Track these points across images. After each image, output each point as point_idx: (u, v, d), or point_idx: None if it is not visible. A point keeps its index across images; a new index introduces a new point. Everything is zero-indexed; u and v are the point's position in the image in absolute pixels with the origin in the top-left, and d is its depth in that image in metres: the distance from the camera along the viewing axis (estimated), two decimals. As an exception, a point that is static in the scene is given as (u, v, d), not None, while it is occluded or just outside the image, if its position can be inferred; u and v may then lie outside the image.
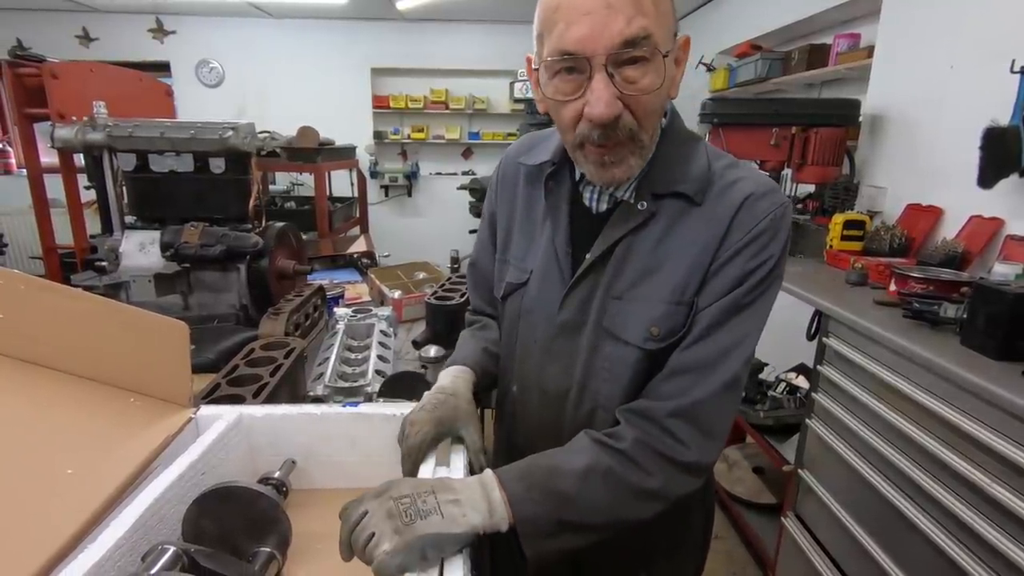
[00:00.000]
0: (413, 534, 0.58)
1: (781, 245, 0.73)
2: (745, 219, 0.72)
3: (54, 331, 0.77)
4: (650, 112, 0.70)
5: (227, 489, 0.69)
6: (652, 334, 0.75)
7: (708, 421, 0.71)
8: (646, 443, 0.69)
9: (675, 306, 0.74)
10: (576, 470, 0.67)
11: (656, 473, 0.69)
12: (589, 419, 0.81)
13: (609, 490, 0.68)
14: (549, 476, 0.67)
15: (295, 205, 4.16)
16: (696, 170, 0.76)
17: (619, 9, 0.63)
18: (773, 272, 0.73)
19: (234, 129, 1.72)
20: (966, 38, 2.03)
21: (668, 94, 0.72)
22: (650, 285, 0.75)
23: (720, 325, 0.72)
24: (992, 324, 1.29)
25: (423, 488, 0.63)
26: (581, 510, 0.67)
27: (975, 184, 1.85)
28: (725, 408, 0.72)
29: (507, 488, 0.66)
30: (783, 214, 0.73)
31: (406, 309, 1.93)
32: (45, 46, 4.57)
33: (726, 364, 0.71)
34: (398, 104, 5.56)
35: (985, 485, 1.18)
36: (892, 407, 1.48)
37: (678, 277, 0.74)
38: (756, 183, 0.75)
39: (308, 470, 0.87)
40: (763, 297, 0.73)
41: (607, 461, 0.68)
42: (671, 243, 0.75)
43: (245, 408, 0.84)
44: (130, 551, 0.60)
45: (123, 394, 0.80)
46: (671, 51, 0.68)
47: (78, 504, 0.62)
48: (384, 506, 0.60)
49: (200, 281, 1.76)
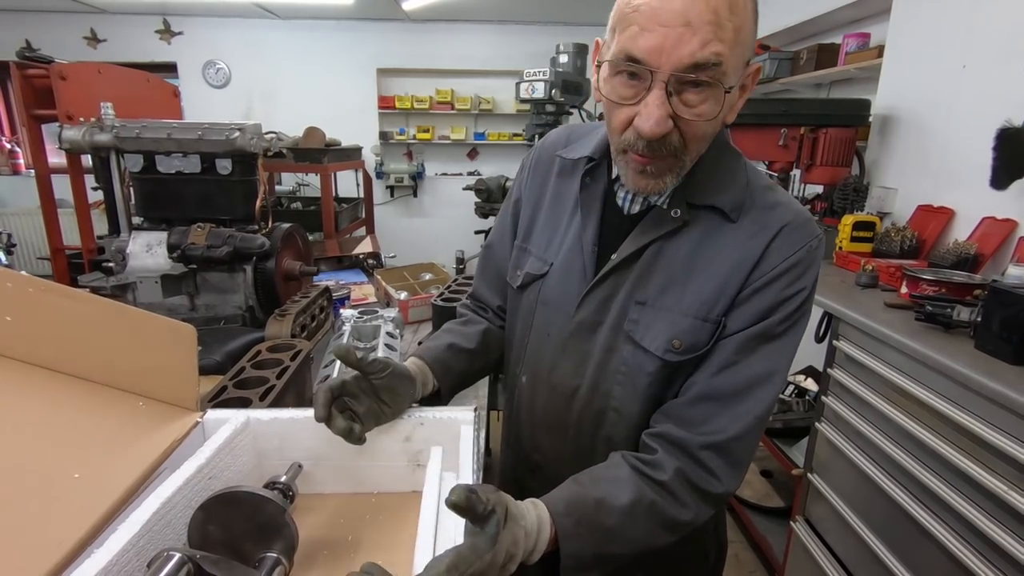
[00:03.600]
0: None
1: (813, 278, 0.73)
2: (782, 247, 0.72)
3: (62, 334, 0.77)
4: (699, 137, 0.69)
5: (233, 494, 0.68)
6: (674, 347, 0.74)
7: (738, 454, 0.71)
8: (685, 476, 0.70)
9: (701, 322, 0.73)
10: (623, 506, 0.67)
11: (691, 506, 0.70)
12: (598, 419, 0.81)
13: (648, 523, 0.69)
14: (597, 511, 0.67)
15: (301, 206, 4.17)
16: (734, 187, 0.75)
17: (697, 29, 0.59)
18: (805, 305, 0.73)
19: (241, 130, 1.72)
20: (978, 37, 2.01)
21: (724, 120, 0.70)
22: (677, 296, 0.75)
23: (752, 352, 0.72)
24: (1007, 327, 1.27)
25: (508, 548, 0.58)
26: (620, 543, 0.68)
27: (988, 185, 1.83)
28: (754, 440, 0.73)
29: (556, 522, 0.65)
30: (818, 246, 0.73)
31: (412, 310, 1.93)
32: (53, 47, 4.60)
33: (758, 395, 0.71)
34: (404, 104, 5.55)
35: (1001, 491, 1.17)
36: (904, 411, 1.46)
37: (707, 293, 0.73)
38: (794, 212, 0.74)
39: (315, 474, 0.87)
40: (793, 329, 0.73)
41: (651, 496, 0.68)
42: (702, 256, 0.74)
43: (252, 412, 0.84)
44: (136, 556, 0.59)
45: (130, 397, 0.79)
46: (737, 83, 0.67)
47: (85, 508, 0.61)
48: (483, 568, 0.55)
49: (207, 282, 1.76)
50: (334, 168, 3.59)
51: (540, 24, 5.44)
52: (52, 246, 3.06)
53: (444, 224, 5.91)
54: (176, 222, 1.77)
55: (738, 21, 0.62)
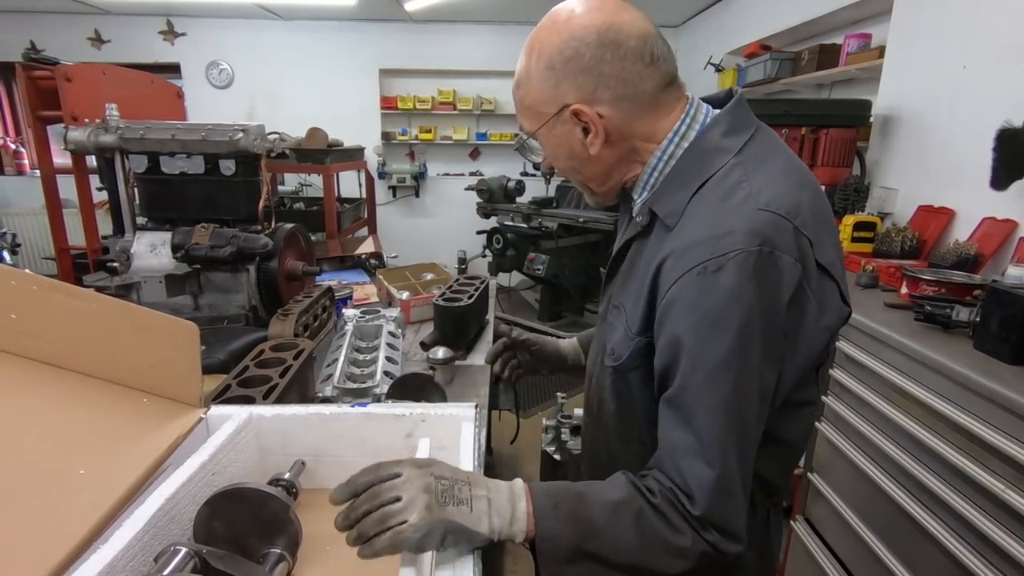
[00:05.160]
0: (443, 516, 0.59)
1: (713, 314, 0.63)
2: (669, 274, 0.68)
3: (66, 331, 0.78)
4: (561, 171, 0.84)
5: (238, 490, 0.69)
6: (612, 354, 0.78)
7: (717, 522, 0.64)
8: (673, 504, 0.65)
9: (625, 334, 0.76)
10: (607, 501, 0.66)
11: (686, 532, 0.64)
12: (600, 405, 0.86)
13: (638, 531, 0.64)
14: (578, 500, 0.66)
15: (304, 206, 4.19)
16: (680, 193, 0.72)
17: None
18: (711, 348, 0.63)
19: (244, 131, 1.73)
20: (979, 38, 2.02)
21: (581, 155, 0.77)
22: (627, 297, 0.78)
23: (680, 406, 0.66)
24: (1006, 327, 1.28)
25: (461, 476, 0.65)
26: (606, 543, 0.64)
27: (988, 185, 1.83)
28: (727, 502, 0.64)
29: (534, 501, 0.65)
30: (716, 269, 0.63)
31: (414, 310, 1.94)
32: (58, 48, 4.62)
33: (709, 458, 0.64)
34: (406, 105, 5.57)
35: (999, 490, 1.17)
36: (903, 411, 1.47)
37: (632, 303, 0.75)
38: (700, 231, 0.66)
39: (318, 471, 0.88)
40: (715, 383, 0.64)
41: (641, 503, 0.65)
42: (643, 263, 0.75)
43: (255, 408, 0.85)
44: (142, 551, 0.60)
45: (134, 394, 0.80)
46: (545, 126, 0.77)
47: (91, 504, 0.63)
48: (424, 479, 0.61)
49: (210, 282, 1.77)
50: (336, 168, 3.61)
51: (542, 25, 5.45)
52: (57, 246, 3.08)
53: (446, 224, 5.92)
54: (180, 222, 1.78)
55: (521, 93, 0.79)
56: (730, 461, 0.64)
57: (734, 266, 0.62)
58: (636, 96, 0.72)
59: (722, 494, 0.63)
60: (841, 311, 0.72)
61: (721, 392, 0.63)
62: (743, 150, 0.72)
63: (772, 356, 0.66)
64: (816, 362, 0.72)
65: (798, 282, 0.65)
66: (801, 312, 0.66)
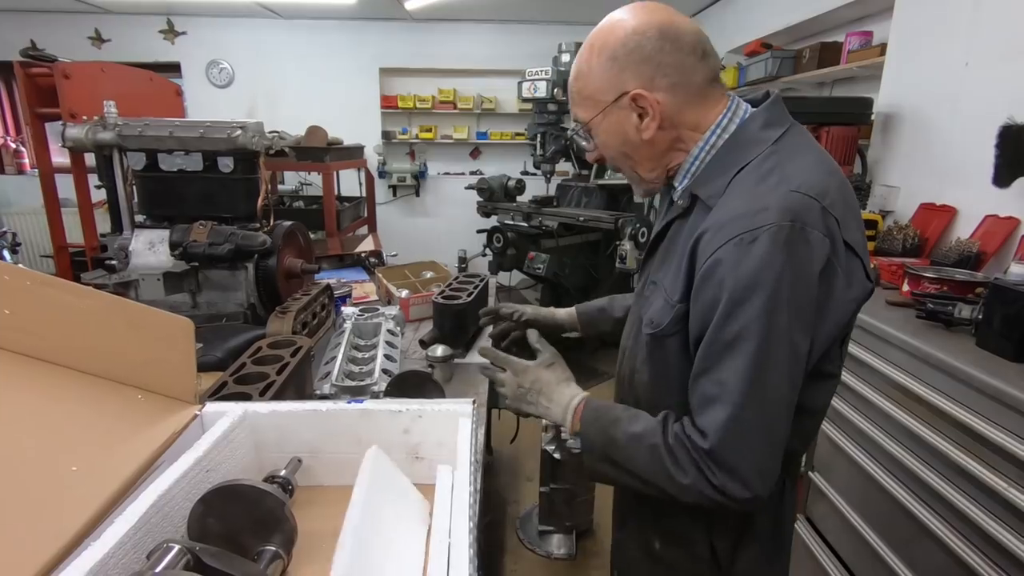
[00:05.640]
0: (518, 406, 0.98)
1: (746, 278, 0.69)
2: (707, 245, 0.74)
3: (60, 327, 0.77)
4: (611, 158, 0.90)
5: (232, 487, 0.68)
6: (651, 323, 0.86)
7: (722, 460, 0.72)
8: (686, 448, 0.75)
9: (665, 303, 0.83)
10: (629, 432, 0.81)
11: (689, 473, 0.74)
12: (632, 375, 0.94)
13: (647, 459, 0.79)
14: (613, 423, 0.84)
15: (303, 204, 4.18)
16: (720, 178, 0.80)
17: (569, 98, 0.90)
18: (744, 307, 0.70)
19: (242, 128, 1.72)
20: (981, 34, 2.00)
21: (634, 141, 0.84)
22: (664, 273, 0.86)
23: (709, 359, 0.74)
24: (1008, 325, 1.27)
25: (537, 387, 0.95)
26: (622, 457, 0.82)
27: (990, 183, 1.82)
28: (737, 450, 0.72)
29: (583, 413, 0.88)
30: (752, 240, 0.70)
31: (413, 308, 1.93)
32: (58, 47, 4.59)
33: (723, 403, 0.72)
34: (406, 104, 5.56)
35: (1001, 489, 1.16)
36: (905, 409, 1.46)
37: (675, 275, 0.82)
38: (739, 206, 0.73)
39: (314, 467, 0.87)
40: (742, 339, 0.71)
41: (657, 439, 0.78)
42: (683, 240, 0.82)
43: (250, 405, 0.84)
44: (134, 548, 0.60)
45: (129, 390, 0.80)
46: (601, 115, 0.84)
47: (83, 501, 0.62)
48: (513, 383, 0.98)
49: (208, 280, 1.76)
50: (336, 167, 3.60)
51: (542, 23, 5.44)
52: (55, 244, 3.07)
53: (447, 223, 5.90)
54: (178, 220, 1.77)
55: (580, 84, 0.85)
56: (746, 408, 0.71)
57: (767, 237, 0.69)
58: (688, 86, 0.80)
59: (732, 434, 0.71)
60: (865, 286, 0.77)
61: (747, 349, 0.70)
62: (778, 141, 0.79)
63: (803, 323, 0.71)
64: (842, 333, 0.79)
65: (827, 256, 0.71)
66: (830, 284, 0.72)
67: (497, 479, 2.78)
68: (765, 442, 0.72)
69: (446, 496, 0.70)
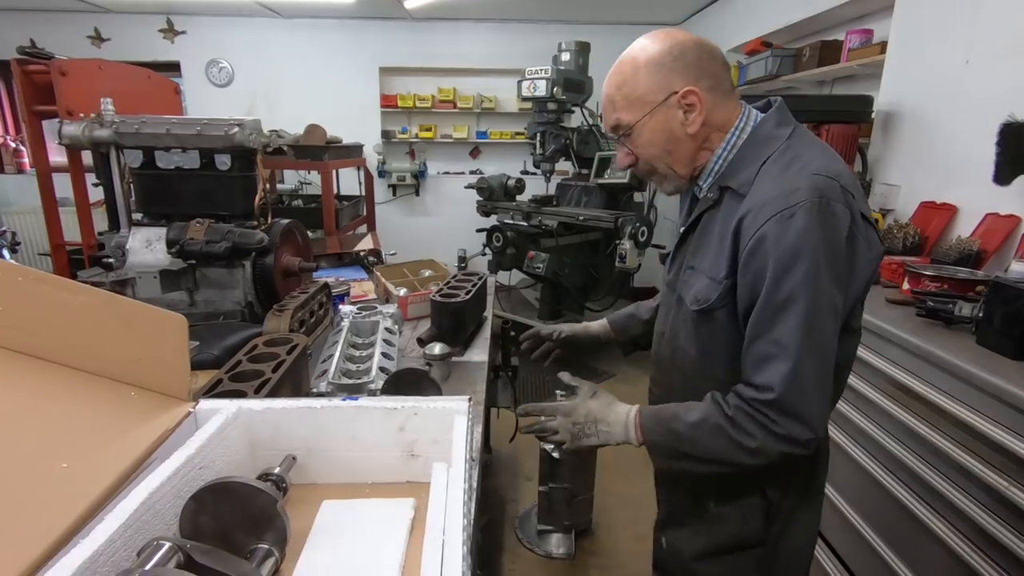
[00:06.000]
0: (578, 444, 1.01)
1: (790, 247, 0.81)
2: (751, 224, 0.86)
3: (52, 324, 0.76)
4: (651, 157, 0.98)
5: (225, 485, 0.68)
6: (696, 300, 0.96)
7: (786, 407, 0.83)
8: (747, 413, 0.86)
9: (711, 281, 0.93)
10: (689, 422, 0.91)
11: (756, 435, 0.85)
12: (674, 355, 1.05)
13: (715, 439, 0.89)
14: (672, 419, 0.93)
15: (302, 203, 4.17)
16: (748, 169, 0.92)
17: (606, 109, 0.99)
18: (792, 272, 0.81)
19: (239, 126, 1.71)
20: (982, 32, 2.00)
21: (678, 136, 0.94)
22: (702, 258, 0.97)
23: (763, 323, 0.85)
24: (1009, 323, 1.26)
25: (591, 418, 1.00)
26: (693, 448, 0.91)
27: (991, 181, 1.81)
28: (800, 393, 0.83)
29: (642, 422, 0.96)
30: (791, 216, 0.81)
31: (411, 307, 1.92)
32: (58, 46, 4.57)
33: (784, 358, 0.83)
34: (406, 103, 5.55)
35: (1003, 488, 1.15)
36: (905, 407, 1.45)
37: (715, 257, 0.93)
38: (772, 190, 0.85)
39: (309, 465, 0.86)
40: (794, 299, 0.82)
41: (717, 419, 0.88)
42: (721, 226, 0.93)
43: (244, 402, 0.83)
44: (124, 546, 0.59)
45: (121, 387, 0.79)
46: (648, 115, 0.93)
47: (72, 498, 0.61)
48: (567, 424, 1.02)
49: (206, 278, 1.76)
50: (335, 165, 3.60)
51: (542, 22, 5.43)
52: (52, 242, 3.06)
53: (446, 223, 5.89)
54: (176, 218, 1.77)
55: (625, 91, 0.94)
56: (805, 359, 0.82)
57: (803, 212, 0.81)
58: (720, 90, 0.93)
59: (796, 383, 0.82)
60: (879, 248, 0.90)
61: (798, 308, 0.81)
62: (790, 138, 0.92)
63: (839, 283, 0.84)
64: (865, 290, 0.91)
65: (849, 225, 0.83)
66: (854, 249, 0.85)
67: (496, 478, 2.77)
68: (821, 387, 0.85)
69: (441, 494, 0.69)
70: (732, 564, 1.04)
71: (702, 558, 1.06)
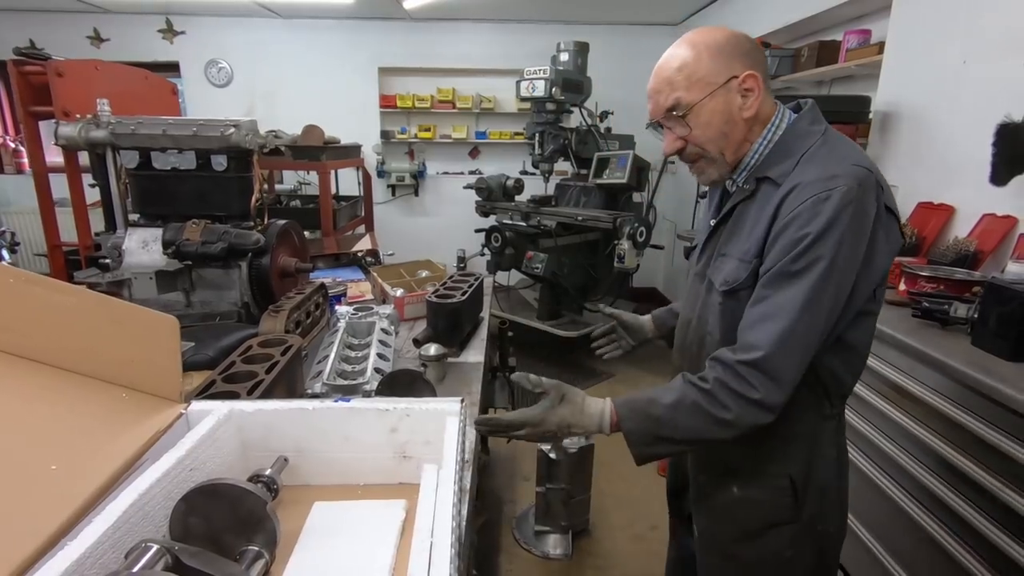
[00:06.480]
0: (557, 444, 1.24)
1: (820, 225, 0.86)
2: (791, 203, 0.90)
3: (44, 325, 0.77)
4: (706, 140, 0.99)
5: (214, 486, 0.68)
6: (726, 281, 1.00)
7: (769, 368, 0.88)
8: (724, 383, 0.90)
9: (739, 262, 0.98)
10: (668, 403, 0.94)
11: (731, 407, 0.89)
12: (700, 342, 1.08)
13: (694, 418, 0.92)
14: (647, 404, 0.96)
15: (300, 204, 4.17)
16: (787, 160, 0.96)
17: (660, 91, 0.99)
18: (815, 247, 0.86)
19: (236, 126, 1.71)
20: (979, 32, 1.99)
21: (735, 120, 0.97)
22: (733, 245, 1.01)
23: (774, 287, 0.90)
24: (1004, 324, 1.26)
25: (563, 424, 0.97)
26: (669, 430, 0.93)
27: (988, 181, 1.81)
28: (784, 357, 0.88)
29: (617, 411, 0.97)
30: (827, 197, 0.86)
31: (408, 307, 1.92)
32: (57, 47, 4.57)
33: (782, 318, 0.88)
34: (405, 104, 5.54)
35: (996, 490, 1.15)
36: (900, 408, 1.45)
37: (746, 241, 0.98)
38: (814, 174, 0.90)
39: (301, 466, 0.86)
40: (807, 270, 0.87)
41: (693, 397, 0.92)
42: (755, 214, 0.98)
43: (236, 403, 0.83)
44: (112, 548, 0.59)
45: (113, 389, 0.79)
46: (709, 96, 0.95)
47: (60, 500, 0.61)
48: (537, 434, 0.98)
49: (202, 278, 1.76)
50: (332, 166, 3.59)
51: (541, 23, 5.42)
52: (49, 243, 3.06)
53: (446, 223, 5.89)
54: (172, 218, 1.77)
55: (687, 71, 0.96)
56: (798, 327, 0.87)
57: (838, 195, 0.86)
58: (768, 82, 0.98)
59: (785, 344, 0.87)
60: (898, 242, 0.95)
61: (810, 279, 0.87)
62: (825, 134, 0.98)
63: (852, 268, 0.89)
64: (881, 278, 0.95)
65: (875, 214, 0.89)
66: (875, 237, 0.90)
67: (493, 479, 2.77)
68: (804, 357, 0.90)
69: (430, 495, 0.69)
70: (768, 544, 1.06)
71: (740, 541, 1.09)
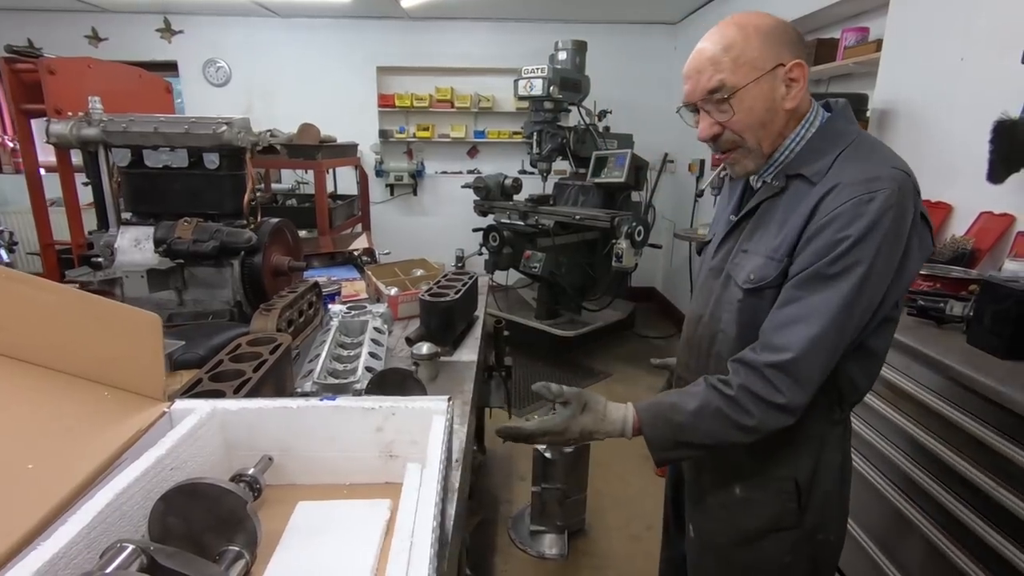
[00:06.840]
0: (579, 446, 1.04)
1: (861, 229, 0.84)
2: (831, 202, 0.87)
3: (25, 323, 0.76)
4: (745, 128, 0.95)
5: (193, 485, 0.67)
6: (750, 279, 0.97)
7: (798, 372, 0.87)
8: (749, 389, 0.89)
9: (768, 260, 0.95)
10: (691, 409, 0.93)
11: (754, 413, 0.89)
12: (712, 339, 1.06)
13: (716, 423, 0.91)
14: (670, 410, 0.95)
15: (296, 202, 4.16)
16: (823, 159, 0.93)
17: (702, 71, 0.93)
18: (854, 251, 0.84)
19: (228, 124, 1.70)
20: (976, 29, 1.98)
21: (777, 109, 0.94)
22: (758, 242, 0.98)
23: (807, 289, 0.88)
24: (999, 322, 1.25)
25: (586, 431, 0.97)
26: (693, 435, 0.93)
27: (985, 179, 1.80)
28: (814, 362, 0.87)
29: (640, 417, 0.97)
30: (870, 200, 0.84)
31: (402, 306, 1.91)
32: (55, 46, 4.58)
33: (813, 322, 0.86)
34: (403, 103, 5.53)
35: (991, 489, 1.14)
36: (895, 407, 1.44)
37: (775, 239, 0.95)
38: (855, 175, 0.88)
39: (286, 466, 0.85)
40: (846, 273, 0.85)
41: (717, 403, 0.91)
42: (783, 211, 0.96)
43: (219, 402, 0.82)
44: (88, 548, 0.58)
45: (95, 387, 0.78)
46: (755, 81, 0.91)
47: (36, 499, 0.60)
48: (561, 442, 0.99)
49: (194, 277, 1.75)
50: (328, 164, 3.58)
51: (539, 21, 5.41)
52: (42, 241, 3.05)
53: (444, 222, 5.88)
54: (164, 216, 1.76)
55: (734, 53, 0.91)
56: (830, 332, 0.86)
57: (882, 197, 0.84)
58: (808, 76, 0.94)
59: (815, 348, 0.86)
60: (929, 249, 0.95)
61: (844, 285, 0.85)
62: (859, 135, 0.96)
63: (887, 274, 0.88)
64: (909, 284, 0.94)
65: (911, 220, 0.87)
66: (909, 244, 0.89)
67: (489, 478, 2.76)
68: (830, 361, 0.89)
69: (412, 495, 0.68)
70: (767, 549, 1.04)
71: (739, 544, 1.07)
